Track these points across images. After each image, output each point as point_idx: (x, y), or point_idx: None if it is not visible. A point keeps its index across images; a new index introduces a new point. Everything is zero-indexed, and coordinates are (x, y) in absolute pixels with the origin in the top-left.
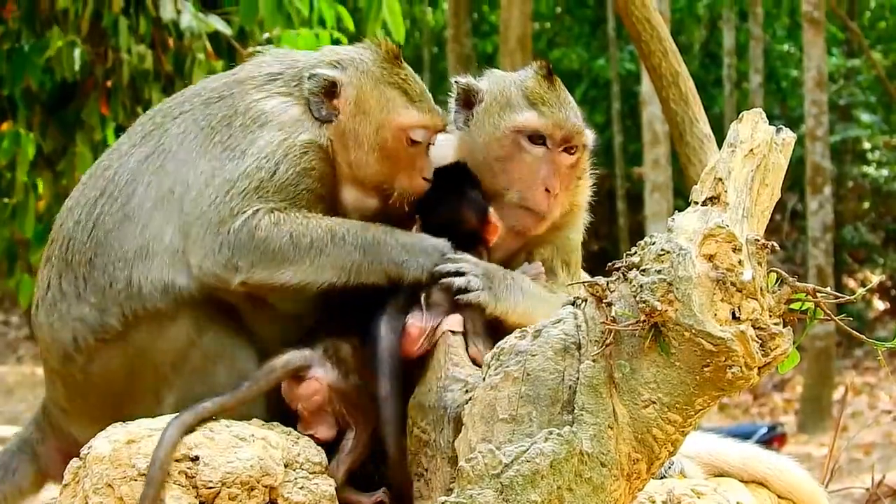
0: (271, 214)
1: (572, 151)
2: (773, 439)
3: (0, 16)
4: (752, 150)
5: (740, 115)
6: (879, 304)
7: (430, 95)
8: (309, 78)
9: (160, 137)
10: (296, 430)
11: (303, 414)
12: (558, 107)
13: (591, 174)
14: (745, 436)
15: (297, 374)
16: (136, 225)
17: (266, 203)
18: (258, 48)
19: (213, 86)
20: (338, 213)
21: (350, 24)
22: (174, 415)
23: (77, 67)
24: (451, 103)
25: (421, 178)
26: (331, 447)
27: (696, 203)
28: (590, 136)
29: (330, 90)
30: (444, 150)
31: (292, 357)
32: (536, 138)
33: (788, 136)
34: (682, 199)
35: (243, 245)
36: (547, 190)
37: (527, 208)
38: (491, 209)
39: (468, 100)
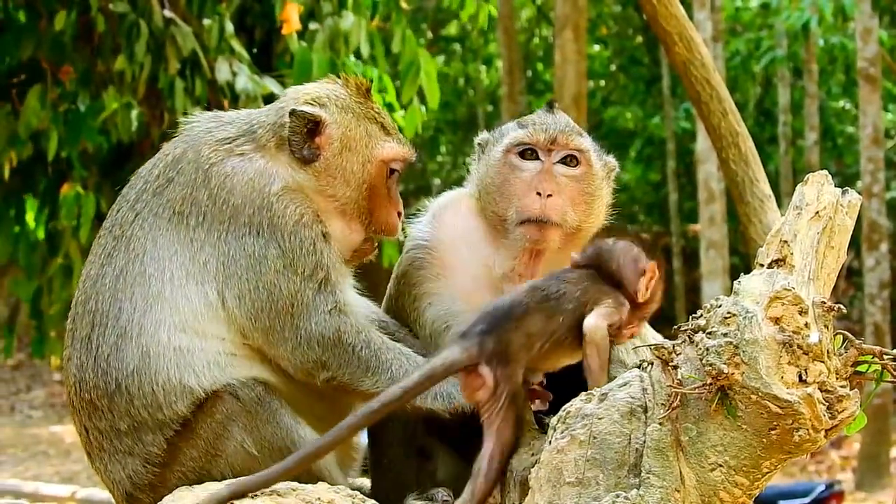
0: (347, 318)
1: (571, 163)
2: (830, 497)
3: (57, 78)
4: (817, 212)
5: (806, 178)
6: None
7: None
8: (291, 114)
9: (127, 247)
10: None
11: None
12: (547, 121)
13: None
14: (802, 494)
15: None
16: (130, 339)
17: (316, 291)
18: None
19: (154, 174)
20: None
21: (392, 90)
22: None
23: (133, 129)
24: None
25: (396, 213)
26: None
27: (762, 265)
28: (588, 147)
29: (312, 129)
30: (460, 206)
31: (454, 358)
32: (527, 153)
33: (854, 197)
34: (737, 256)
35: (332, 345)
36: (538, 193)
37: (527, 220)
38: None
39: (483, 152)
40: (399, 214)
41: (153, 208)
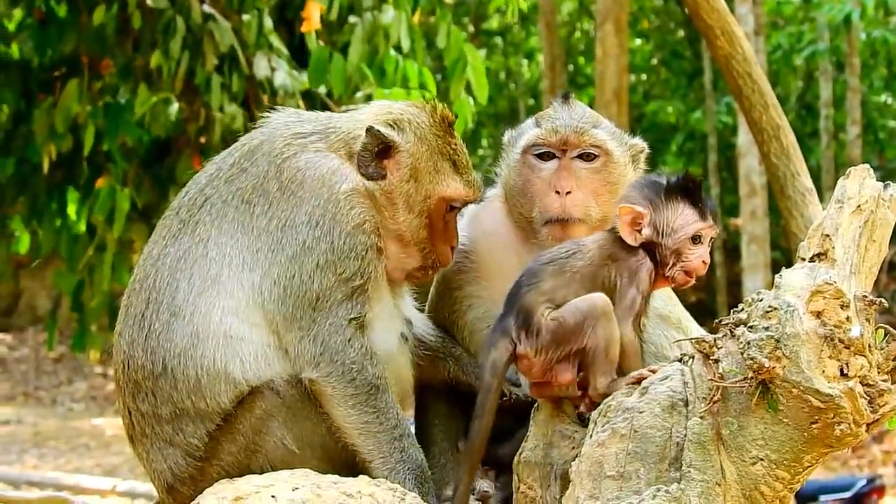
0: (361, 336)
1: (589, 158)
2: (871, 492)
3: (97, 71)
4: (859, 206)
5: (848, 171)
6: None
7: (471, 164)
8: (367, 131)
9: (193, 230)
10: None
11: (535, 385)
12: (561, 117)
13: None
14: (843, 488)
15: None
16: (183, 318)
17: (347, 297)
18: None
19: (228, 162)
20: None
21: (432, 86)
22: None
23: (171, 124)
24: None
25: (450, 248)
26: None
27: (804, 259)
28: (604, 138)
29: (384, 150)
30: (494, 208)
31: (493, 358)
32: (544, 155)
33: None
34: (779, 251)
35: (334, 351)
36: (557, 192)
37: (550, 220)
38: None
39: (506, 152)
40: (452, 249)
41: (223, 195)
